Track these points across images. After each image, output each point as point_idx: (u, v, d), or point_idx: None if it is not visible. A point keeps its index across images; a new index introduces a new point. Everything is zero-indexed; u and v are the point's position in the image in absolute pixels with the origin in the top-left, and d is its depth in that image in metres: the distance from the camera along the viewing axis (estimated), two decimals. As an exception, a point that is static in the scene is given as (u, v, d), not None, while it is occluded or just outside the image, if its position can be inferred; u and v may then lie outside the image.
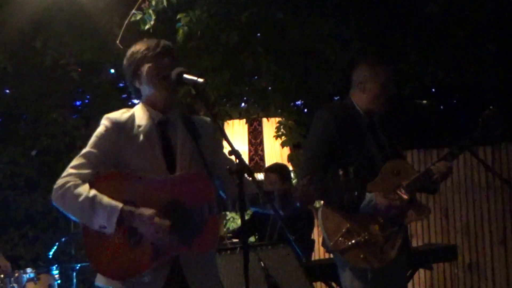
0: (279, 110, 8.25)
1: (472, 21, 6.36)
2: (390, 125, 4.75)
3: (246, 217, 7.20)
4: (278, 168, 7.07)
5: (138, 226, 3.41)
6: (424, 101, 4.89)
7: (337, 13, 6.24)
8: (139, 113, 3.64)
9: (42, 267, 6.03)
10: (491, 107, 4.57)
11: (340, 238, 4.47)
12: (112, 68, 8.10)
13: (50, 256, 6.27)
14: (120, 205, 3.38)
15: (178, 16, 5.53)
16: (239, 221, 7.63)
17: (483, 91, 7.11)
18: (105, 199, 3.41)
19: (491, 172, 5.13)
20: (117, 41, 5.33)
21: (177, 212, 3.46)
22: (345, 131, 4.51)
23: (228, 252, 5.44)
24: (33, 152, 7.89)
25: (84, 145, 3.57)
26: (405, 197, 4.44)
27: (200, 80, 3.43)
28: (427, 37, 6.45)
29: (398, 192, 4.47)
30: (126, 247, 3.48)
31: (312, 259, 7.01)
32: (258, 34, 7.12)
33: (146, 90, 3.64)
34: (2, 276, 5.79)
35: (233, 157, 3.31)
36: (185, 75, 3.47)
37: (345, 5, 6.19)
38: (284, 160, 8.22)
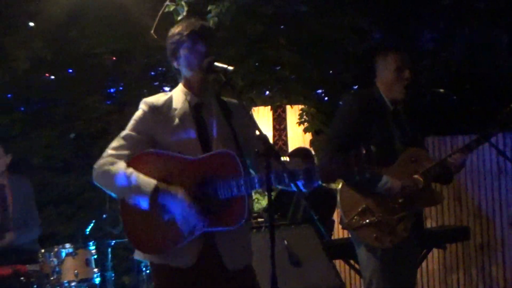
0: (302, 98, 8.28)
1: (485, 13, 6.36)
2: (414, 114, 4.80)
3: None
4: (300, 153, 7.12)
5: (169, 204, 3.47)
6: (442, 90, 4.90)
7: (355, 5, 6.26)
8: (176, 96, 3.69)
9: (80, 242, 6.10)
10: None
11: (355, 217, 4.54)
12: (144, 57, 8.16)
13: (87, 233, 6.36)
14: (154, 181, 3.44)
15: (209, 8, 5.56)
16: (263, 202, 7.69)
17: (496, 80, 7.11)
18: (141, 176, 3.46)
19: (503, 156, 5.13)
20: (152, 31, 5.39)
21: (207, 189, 3.50)
22: (368, 116, 4.56)
23: (254, 230, 5.52)
24: (72, 135, 7.96)
25: (118, 130, 3.65)
26: (420, 183, 4.52)
27: (230, 68, 3.45)
28: (442, 28, 6.47)
29: (414, 177, 4.54)
30: (160, 222, 3.52)
31: (332, 238, 7.06)
32: (282, 26, 7.19)
33: (184, 71, 3.67)
34: (42, 251, 5.91)
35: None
36: (216, 63, 3.49)
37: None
38: (306, 145, 8.27)
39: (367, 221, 4.51)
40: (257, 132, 3.40)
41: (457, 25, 6.37)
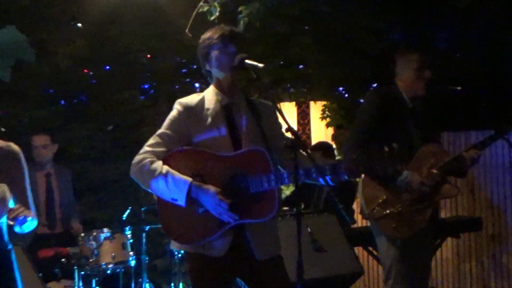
0: (324, 95, 8.25)
1: (498, 14, 6.26)
2: (431, 111, 4.74)
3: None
4: (322, 146, 7.10)
5: (202, 200, 3.47)
6: (458, 87, 4.86)
7: (375, 7, 6.19)
8: (208, 97, 3.69)
9: (117, 227, 6.12)
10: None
11: (376, 207, 4.52)
12: (176, 55, 8.16)
13: (124, 219, 6.36)
14: (189, 180, 3.46)
15: (240, 9, 5.54)
16: (287, 192, 7.65)
17: (509, 79, 7.02)
18: (177, 175, 3.49)
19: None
20: (186, 30, 5.36)
21: (239, 184, 3.52)
22: (389, 112, 4.52)
23: (280, 218, 5.48)
24: (109, 127, 7.98)
25: (151, 123, 3.67)
26: (437, 177, 4.46)
27: (261, 65, 3.48)
28: (456, 29, 6.38)
29: (431, 172, 4.48)
30: (194, 215, 3.54)
31: (352, 226, 7.02)
32: (306, 27, 7.13)
33: (215, 72, 3.68)
34: (82, 234, 5.91)
35: (289, 134, 3.40)
36: (247, 61, 3.50)
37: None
38: (328, 139, 8.24)
39: (387, 212, 4.48)
40: (286, 125, 3.39)
41: (471, 26, 6.25)
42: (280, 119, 3.63)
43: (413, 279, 4.56)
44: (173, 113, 3.67)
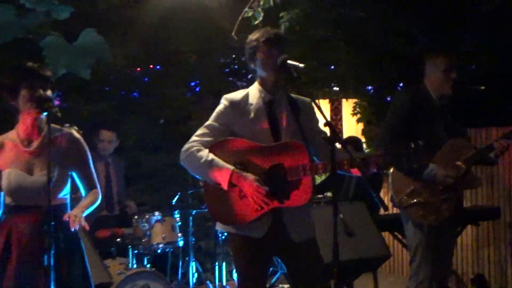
0: (355, 93, 8.23)
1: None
2: (457, 109, 4.73)
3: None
4: (352, 140, 7.09)
5: (243, 186, 3.52)
6: (482, 87, 4.84)
7: (406, 12, 6.16)
8: (252, 93, 3.73)
9: (167, 211, 6.17)
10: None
11: (404, 197, 4.52)
12: (221, 56, 8.20)
13: (173, 203, 6.42)
14: (231, 168, 3.51)
15: (281, 14, 5.56)
16: (318, 180, 7.66)
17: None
18: (220, 163, 3.54)
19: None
20: (233, 33, 5.40)
21: (278, 172, 3.55)
22: (417, 110, 4.51)
23: (314, 205, 5.50)
24: (161, 121, 8.05)
25: (197, 117, 3.73)
26: (462, 170, 4.45)
27: (301, 65, 3.53)
28: (481, 32, 6.32)
29: (457, 165, 4.47)
30: (236, 199, 3.59)
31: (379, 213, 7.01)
32: (339, 31, 7.12)
33: (259, 71, 3.71)
34: (136, 217, 5.98)
35: (326, 128, 3.37)
36: (289, 61, 3.53)
37: (412, 5, 6.10)
38: (358, 134, 8.22)
39: (415, 201, 4.48)
40: (324, 120, 3.36)
41: (495, 29, 6.19)
42: (319, 115, 3.66)
43: (436, 263, 4.54)
44: (220, 107, 3.72)
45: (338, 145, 3.41)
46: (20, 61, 4.58)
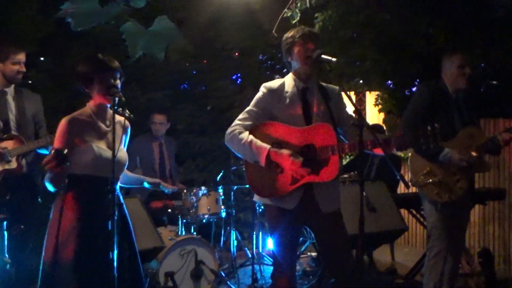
0: (378, 86, 8.15)
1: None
2: (471, 101, 4.63)
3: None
4: (375, 127, 6.98)
5: (280, 161, 3.51)
6: (494, 82, 4.76)
7: (427, 15, 6.03)
8: (288, 82, 3.72)
9: (212, 186, 6.15)
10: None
11: (421, 177, 4.47)
12: (260, 53, 8.16)
13: (217, 180, 6.42)
14: (268, 146, 3.52)
15: (316, 15, 5.51)
16: (344, 162, 7.60)
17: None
18: (259, 143, 3.55)
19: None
20: (273, 31, 5.35)
21: (310, 151, 3.55)
22: (435, 101, 4.45)
23: (341, 184, 5.44)
24: (208, 108, 8.06)
25: (239, 106, 3.72)
26: (475, 155, 4.36)
27: (333, 59, 3.52)
28: (492, 34, 6.16)
29: (470, 151, 4.39)
30: (273, 175, 3.59)
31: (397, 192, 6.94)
32: (365, 31, 7.02)
33: (295, 64, 3.70)
34: (185, 191, 5.99)
35: (353, 115, 3.50)
36: (323, 56, 3.52)
37: (432, 9, 5.97)
38: (380, 122, 8.14)
39: (430, 180, 4.42)
40: (353, 108, 3.42)
41: (504, 32, 6.04)
42: (347, 102, 3.69)
43: (450, 237, 4.48)
44: (259, 94, 3.72)
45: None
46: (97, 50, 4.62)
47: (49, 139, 4.37)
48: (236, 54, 7.88)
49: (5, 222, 4.09)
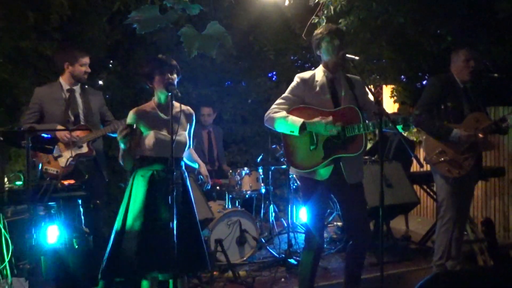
0: (393, 81, 8.03)
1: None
2: (477, 90, 4.54)
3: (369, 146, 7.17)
4: (395, 114, 6.92)
5: (314, 129, 3.50)
6: (496, 74, 4.64)
7: (436, 17, 5.86)
8: (318, 73, 3.68)
9: (253, 167, 6.13)
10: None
11: (434, 156, 4.41)
12: (292, 54, 8.07)
13: (258, 161, 6.40)
14: (302, 120, 3.50)
15: (340, 20, 5.41)
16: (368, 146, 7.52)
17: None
18: (294, 117, 3.53)
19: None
20: (303, 35, 5.28)
21: (338, 129, 3.50)
22: (446, 91, 4.39)
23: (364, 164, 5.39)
24: (249, 101, 8.04)
25: (275, 99, 3.70)
26: (481, 135, 4.27)
27: (356, 58, 3.52)
28: (495, 33, 5.96)
29: (477, 132, 4.29)
30: (308, 150, 3.59)
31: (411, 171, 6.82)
32: (383, 34, 6.88)
33: (324, 57, 3.67)
34: (230, 171, 5.99)
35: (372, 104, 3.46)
36: (347, 55, 3.50)
37: (442, 11, 5.80)
38: (395, 111, 8.03)
39: (442, 159, 4.35)
40: (373, 99, 3.44)
41: (506, 31, 5.85)
42: (368, 92, 3.71)
43: (459, 208, 4.43)
44: (294, 83, 3.70)
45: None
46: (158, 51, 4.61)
47: (115, 125, 4.43)
48: (273, 54, 7.80)
49: (79, 199, 4.14)
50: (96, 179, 4.60)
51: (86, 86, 4.79)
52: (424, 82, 7.83)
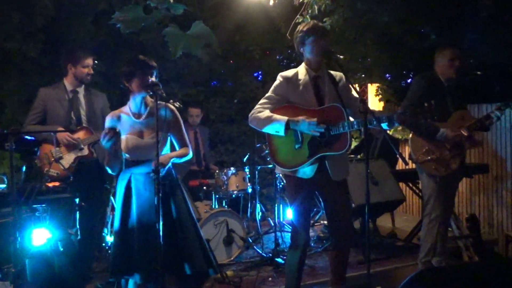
0: (378, 79, 8.03)
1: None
2: (461, 88, 4.54)
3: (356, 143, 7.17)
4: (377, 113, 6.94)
5: (298, 127, 3.46)
6: (479, 72, 4.66)
7: (421, 16, 5.88)
8: (301, 71, 3.65)
9: (239, 167, 6.11)
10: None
11: (421, 155, 4.40)
12: (278, 54, 8.06)
13: (244, 161, 6.37)
14: (286, 118, 3.46)
15: (324, 19, 5.39)
16: (353, 144, 7.52)
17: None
18: (278, 116, 3.50)
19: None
20: (287, 34, 5.26)
21: (323, 128, 3.47)
22: (431, 89, 4.38)
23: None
24: (235, 101, 8.01)
25: (261, 98, 3.66)
26: (465, 134, 4.28)
27: (341, 57, 3.49)
28: (478, 32, 5.99)
29: (461, 130, 4.30)
30: (293, 149, 3.57)
31: (396, 169, 6.84)
32: (367, 32, 6.89)
33: (306, 54, 3.63)
34: (217, 171, 5.95)
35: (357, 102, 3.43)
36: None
37: (426, 10, 5.81)
38: (380, 109, 8.06)
39: (429, 158, 4.35)
40: (358, 98, 3.37)
41: (489, 30, 5.87)
42: (352, 90, 3.67)
43: (444, 204, 4.44)
44: (277, 82, 3.67)
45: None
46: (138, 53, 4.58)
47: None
48: (258, 54, 7.78)
49: (77, 200, 4.10)
50: (95, 182, 4.56)
51: (91, 88, 4.75)
52: (409, 81, 7.85)
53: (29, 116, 4.45)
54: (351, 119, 3.52)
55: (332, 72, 3.69)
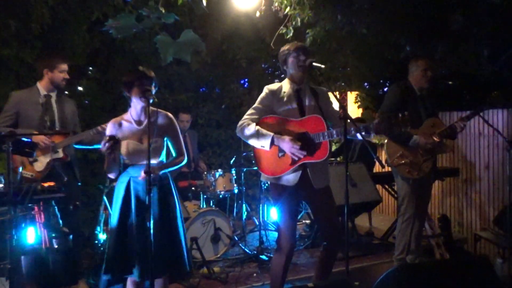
0: (357, 88, 8.10)
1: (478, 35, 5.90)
2: (433, 97, 4.60)
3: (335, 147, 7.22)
4: (360, 119, 6.99)
5: (281, 145, 3.48)
6: (450, 82, 4.73)
7: (396, 29, 5.93)
8: (285, 85, 3.69)
9: (226, 168, 6.10)
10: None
11: (395, 159, 4.43)
12: (263, 62, 8.08)
13: (231, 163, 6.37)
14: (271, 134, 3.48)
15: (307, 31, 5.42)
16: (333, 148, 7.57)
17: (481, 79, 6.67)
18: (264, 131, 3.51)
19: (487, 124, 4.83)
20: (271, 44, 5.27)
21: (305, 138, 3.51)
22: (405, 98, 4.44)
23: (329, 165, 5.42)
24: (223, 106, 7.99)
25: (247, 104, 3.68)
26: (437, 139, 4.33)
27: (323, 66, 3.49)
28: (449, 44, 6.06)
29: (433, 136, 4.34)
30: (276, 157, 3.57)
31: (374, 171, 6.88)
32: (347, 43, 6.94)
33: (290, 71, 3.67)
34: (205, 173, 5.95)
35: (337, 110, 3.40)
36: (314, 63, 3.49)
37: (401, 23, 5.87)
38: (359, 115, 8.10)
39: (403, 161, 4.38)
40: (338, 104, 3.35)
41: (459, 43, 5.95)
42: (333, 100, 3.69)
43: (418, 206, 4.49)
44: (263, 94, 3.69)
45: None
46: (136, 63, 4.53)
47: (92, 133, 4.31)
48: (245, 62, 7.80)
49: (53, 201, 4.05)
50: (71, 182, 4.51)
51: (65, 93, 4.68)
52: (386, 89, 7.93)
53: (0, 118, 4.35)
54: (331, 129, 3.56)
55: (314, 86, 3.75)
